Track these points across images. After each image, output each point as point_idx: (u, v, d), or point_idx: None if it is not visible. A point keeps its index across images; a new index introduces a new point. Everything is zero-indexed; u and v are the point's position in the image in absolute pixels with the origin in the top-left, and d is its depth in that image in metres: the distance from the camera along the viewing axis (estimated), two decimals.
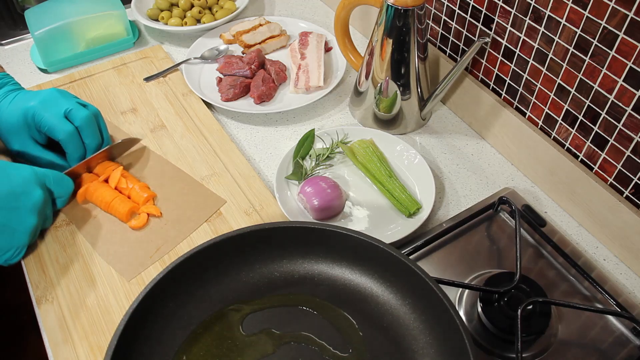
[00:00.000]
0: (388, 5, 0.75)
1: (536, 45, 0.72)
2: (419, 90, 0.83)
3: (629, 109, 0.64)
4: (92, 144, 0.75)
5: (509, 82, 0.80)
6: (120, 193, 0.75)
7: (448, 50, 0.90)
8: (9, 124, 0.73)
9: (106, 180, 0.76)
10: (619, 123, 0.66)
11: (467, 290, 0.66)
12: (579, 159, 0.74)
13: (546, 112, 0.76)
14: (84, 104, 0.76)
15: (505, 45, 0.77)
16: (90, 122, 0.74)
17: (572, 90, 0.70)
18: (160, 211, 0.74)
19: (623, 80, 0.63)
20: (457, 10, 0.83)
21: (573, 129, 0.73)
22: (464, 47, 0.86)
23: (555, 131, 0.76)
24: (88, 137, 0.74)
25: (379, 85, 0.83)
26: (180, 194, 0.77)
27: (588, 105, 0.69)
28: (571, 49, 0.68)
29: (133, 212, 0.74)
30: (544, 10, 0.69)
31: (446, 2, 0.85)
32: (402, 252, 0.68)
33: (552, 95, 0.74)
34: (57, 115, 0.72)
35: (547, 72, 0.73)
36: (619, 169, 0.68)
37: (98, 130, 0.76)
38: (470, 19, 0.81)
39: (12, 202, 0.61)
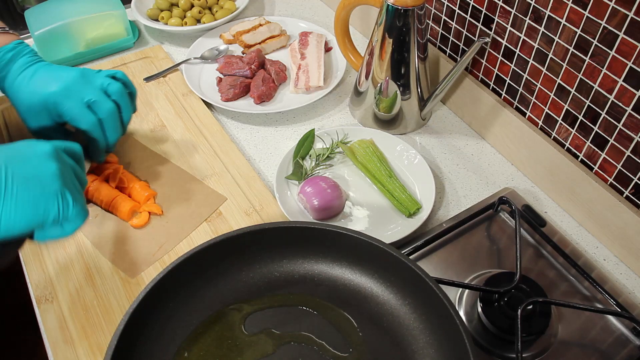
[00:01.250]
0: (388, 5, 0.75)
1: (536, 45, 0.72)
2: (419, 90, 0.83)
3: (629, 109, 0.64)
4: (113, 137, 0.72)
5: (509, 82, 0.80)
6: (121, 192, 0.75)
7: (448, 50, 0.90)
8: (28, 106, 0.69)
9: (106, 180, 0.76)
10: (619, 123, 0.66)
11: (467, 290, 0.66)
12: (579, 159, 0.74)
13: (546, 112, 0.76)
14: (113, 74, 0.72)
15: (505, 45, 0.77)
16: (113, 116, 0.70)
17: (572, 90, 0.70)
18: (162, 209, 0.74)
19: (623, 80, 0.63)
20: (457, 10, 0.83)
21: (573, 129, 0.73)
22: (464, 47, 0.86)
23: (555, 131, 0.76)
24: (110, 130, 0.71)
25: (379, 85, 0.83)
26: (180, 192, 0.77)
27: (588, 105, 0.69)
28: (571, 49, 0.68)
29: (134, 210, 0.74)
30: (544, 10, 0.69)
31: (446, 2, 0.85)
32: (402, 252, 0.68)
33: (552, 95, 0.74)
34: (80, 105, 0.68)
35: (547, 72, 0.73)
36: (619, 169, 0.68)
37: (120, 124, 0.72)
38: (470, 19, 0.81)
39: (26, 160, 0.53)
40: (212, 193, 0.77)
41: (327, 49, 1.03)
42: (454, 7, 0.83)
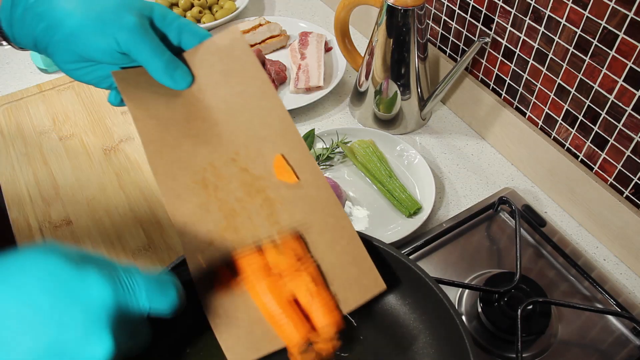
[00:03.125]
0: (388, 5, 0.75)
1: (536, 45, 0.72)
2: (419, 90, 0.83)
3: (629, 109, 0.64)
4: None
5: (509, 82, 0.80)
6: (297, 305, 0.45)
7: (448, 50, 0.90)
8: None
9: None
10: (619, 123, 0.66)
11: (467, 290, 0.66)
12: (579, 159, 0.74)
13: (546, 112, 0.76)
14: None
15: (505, 45, 0.77)
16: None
17: (572, 90, 0.70)
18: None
19: (623, 80, 0.63)
20: (457, 10, 0.83)
21: (573, 129, 0.73)
22: (464, 47, 0.86)
23: (555, 131, 0.76)
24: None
25: (379, 85, 0.83)
26: (325, 253, 0.46)
27: (588, 105, 0.69)
28: (571, 49, 0.68)
29: (305, 341, 0.44)
30: (544, 10, 0.69)
31: (446, 2, 0.84)
32: (402, 252, 0.68)
33: (552, 95, 0.74)
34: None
35: (547, 72, 0.73)
36: (619, 169, 0.68)
37: None
38: (470, 19, 0.81)
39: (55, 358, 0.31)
40: (371, 271, 0.47)
41: (327, 49, 1.03)
42: (454, 7, 0.83)
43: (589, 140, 0.71)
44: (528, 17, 0.71)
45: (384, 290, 0.46)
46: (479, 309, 0.62)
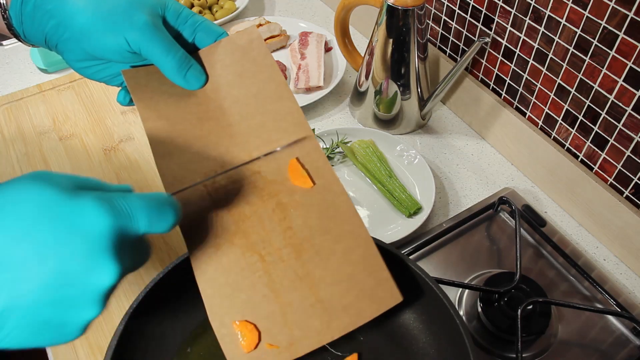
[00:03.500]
0: (388, 5, 0.75)
1: (536, 45, 0.72)
2: (419, 90, 0.83)
3: (629, 109, 0.64)
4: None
5: (509, 82, 0.80)
6: None
7: (448, 50, 0.90)
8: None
9: None
10: (619, 123, 0.66)
11: (467, 290, 0.66)
12: (579, 159, 0.74)
13: (546, 112, 0.76)
14: None
15: (505, 45, 0.77)
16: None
17: (572, 90, 0.70)
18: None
19: (623, 80, 0.63)
20: (457, 10, 0.83)
21: (573, 129, 0.73)
22: (464, 47, 0.86)
23: (555, 131, 0.76)
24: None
25: (379, 85, 0.83)
26: (340, 262, 0.45)
27: (588, 105, 0.69)
28: (571, 49, 0.68)
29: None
30: (544, 10, 0.69)
31: (446, 2, 0.85)
32: (402, 252, 0.68)
33: (552, 95, 0.74)
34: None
35: (547, 72, 0.73)
36: (619, 169, 0.68)
37: None
38: (470, 19, 0.81)
39: (61, 290, 0.31)
40: (387, 283, 0.45)
41: (327, 49, 1.03)
42: (454, 7, 0.83)
43: (589, 140, 0.71)
44: (528, 17, 0.71)
45: (400, 302, 0.45)
46: (479, 309, 0.62)
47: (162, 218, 0.36)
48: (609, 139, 0.68)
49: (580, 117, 0.71)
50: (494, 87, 0.83)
